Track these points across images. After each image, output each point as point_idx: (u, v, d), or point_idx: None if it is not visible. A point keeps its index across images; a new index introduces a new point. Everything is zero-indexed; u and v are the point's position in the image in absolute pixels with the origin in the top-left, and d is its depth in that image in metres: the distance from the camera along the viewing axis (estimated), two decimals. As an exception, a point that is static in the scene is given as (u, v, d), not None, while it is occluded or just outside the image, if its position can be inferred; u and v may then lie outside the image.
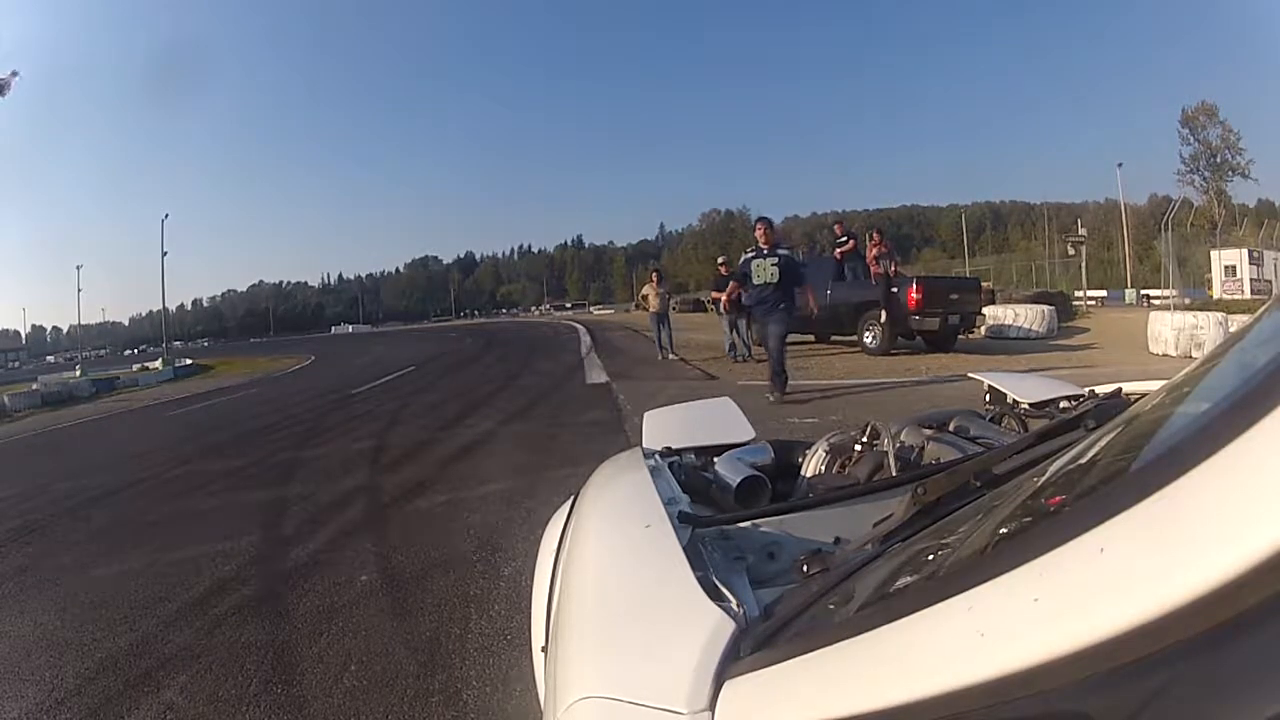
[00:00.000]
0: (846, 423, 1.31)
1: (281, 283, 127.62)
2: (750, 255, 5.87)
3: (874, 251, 10.16)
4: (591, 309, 66.01)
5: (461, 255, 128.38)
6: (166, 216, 29.82)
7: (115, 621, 2.46)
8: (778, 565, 0.76)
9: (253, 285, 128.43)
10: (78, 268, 35.63)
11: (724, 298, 10.18)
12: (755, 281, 5.75)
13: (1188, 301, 16.76)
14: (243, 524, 3.59)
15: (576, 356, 12.98)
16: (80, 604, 2.69)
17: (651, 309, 11.21)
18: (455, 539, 3.05)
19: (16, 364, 65.23)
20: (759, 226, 5.97)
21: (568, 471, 3.82)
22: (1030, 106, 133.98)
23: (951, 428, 1.23)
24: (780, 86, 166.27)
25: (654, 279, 11.49)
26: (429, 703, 1.78)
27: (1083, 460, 0.51)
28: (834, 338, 11.03)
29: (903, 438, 1.14)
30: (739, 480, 1.04)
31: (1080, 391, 1.39)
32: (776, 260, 5.71)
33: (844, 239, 10.90)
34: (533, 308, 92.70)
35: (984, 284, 14.28)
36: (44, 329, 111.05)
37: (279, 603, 2.51)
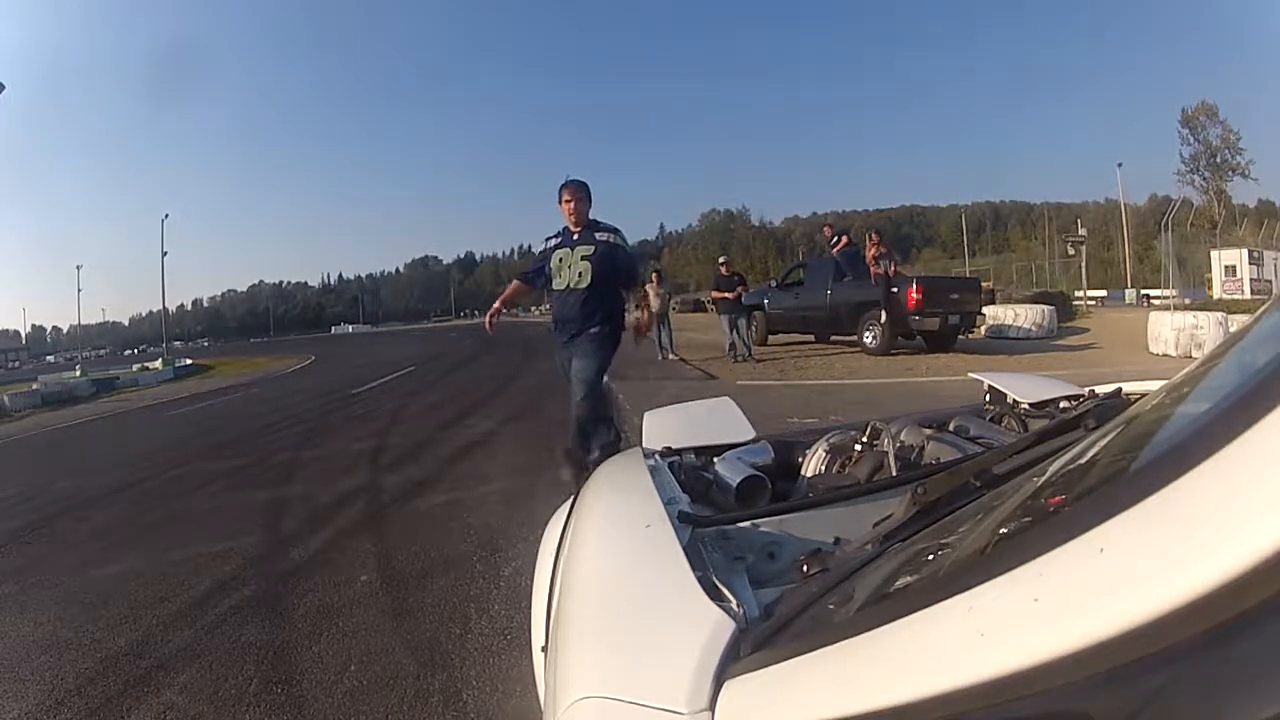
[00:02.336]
0: (846, 423, 1.31)
1: (281, 283, 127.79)
2: (552, 242, 3.56)
3: (873, 252, 10.17)
4: (591, 309, 65.71)
5: (461, 255, 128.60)
6: (166, 216, 29.86)
7: (115, 621, 2.46)
8: (778, 565, 0.76)
9: (253, 285, 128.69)
10: (78, 268, 35.73)
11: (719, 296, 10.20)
12: (556, 286, 3.48)
13: (1188, 301, 16.77)
14: (243, 524, 3.59)
15: (576, 356, 12.94)
16: (80, 604, 2.69)
17: (651, 309, 11.19)
18: (455, 539, 3.05)
19: (16, 364, 65.24)
20: (565, 194, 3.48)
21: (568, 471, 3.82)
22: (1030, 106, 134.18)
23: (951, 428, 1.23)
24: (780, 87, 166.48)
25: (654, 279, 11.49)
26: (429, 703, 1.78)
27: (1083, 460, 0.51)
28: (834, 338, 11.04)
29: (903, 438, 1.14)
30: (739, 480, 1.04)
31: (1080, 391, 1.39)
32: (591, 250, 3.42)
33: (835, 238, 10.95)
34: (533, 308, 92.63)
35: (984, 284, 14.30)
36: (44, 329, 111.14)
37: (279, 603, 2.51)
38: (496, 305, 3.77)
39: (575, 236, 3.48)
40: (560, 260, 3.49)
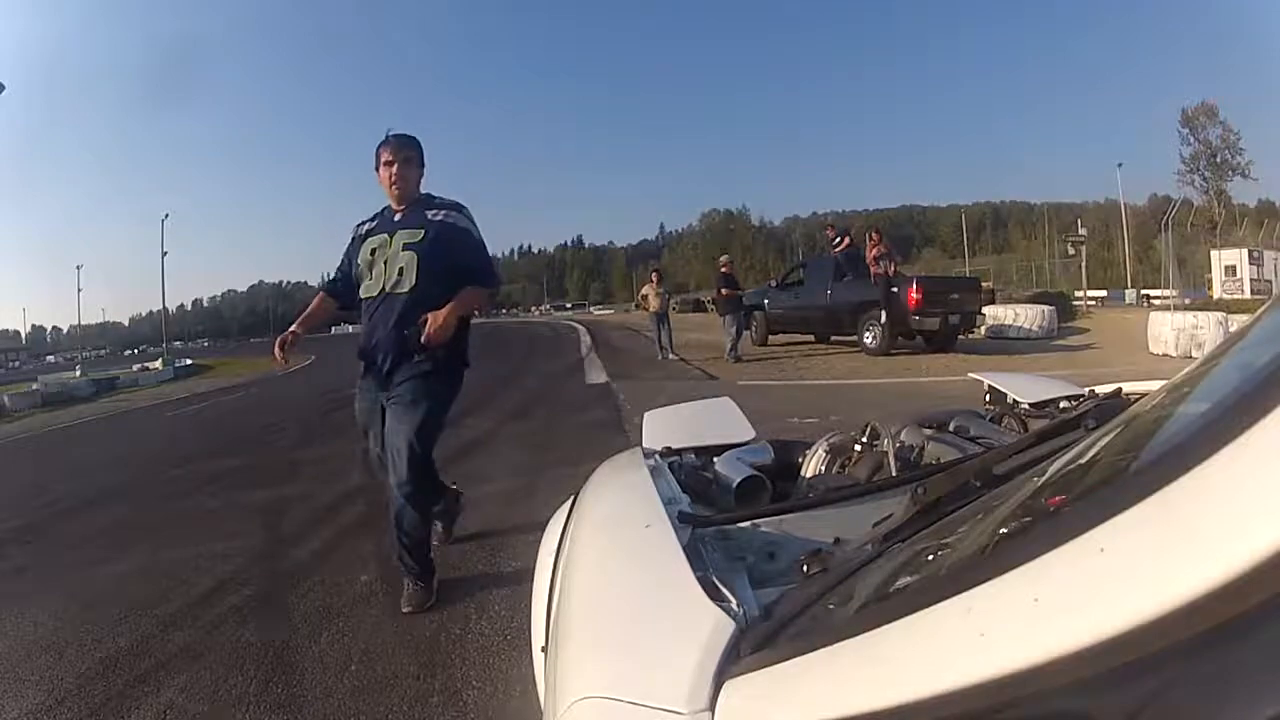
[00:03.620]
0: (846, 423, 1.31)
1: (282, 283, 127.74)
2: (364, 228, 2.50)
3: (873, 252, 10.16)
4: (591, 309, 66.08)
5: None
6: (166, 216, 29.90)
7: (115, 621, 2.46)
8: (778, 565, 0.76)
9: (253, 285, 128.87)
10: (78, 268, 35.76)
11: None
12: (365, 292, 2.42)
13: (1188, 301, 16.81)
14: (243, 524, 3.59)
15: (576, 356, 12.98)
16: (80, 604, 2.69)
17: (651, 309, 11.23)
18: (455, 539, 3.04)
19: (17, 364, 65.29)
20: (384, 154, 2.39)
21: (568, 471, 3.82)
22: (1031, 106, 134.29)
23: (951, 428, 1.24)
24: (780, 87, 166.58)
25: (654, 279, 11.51)
26: (429, 703, 1.78)
27: (1083, 460, 0.51)
28: (834, 338, 11.05)
29: (903, 438, 1.14)
30: (739, 480, 1.04)
31: (1080, 391, 1.39)
32: (419, 235, 2.36)
33: (838, 239, 10.96)
34: (533, 308, 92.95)
35: (984, 284, 14.30)
36: (44, 329, 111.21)
37: (279, 603, 2.51)
38: (294, 329, 2.50)
39: (397, 218, 2.41)
40: (373, 253, 2.37)
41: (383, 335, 2.34)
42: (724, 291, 10.29)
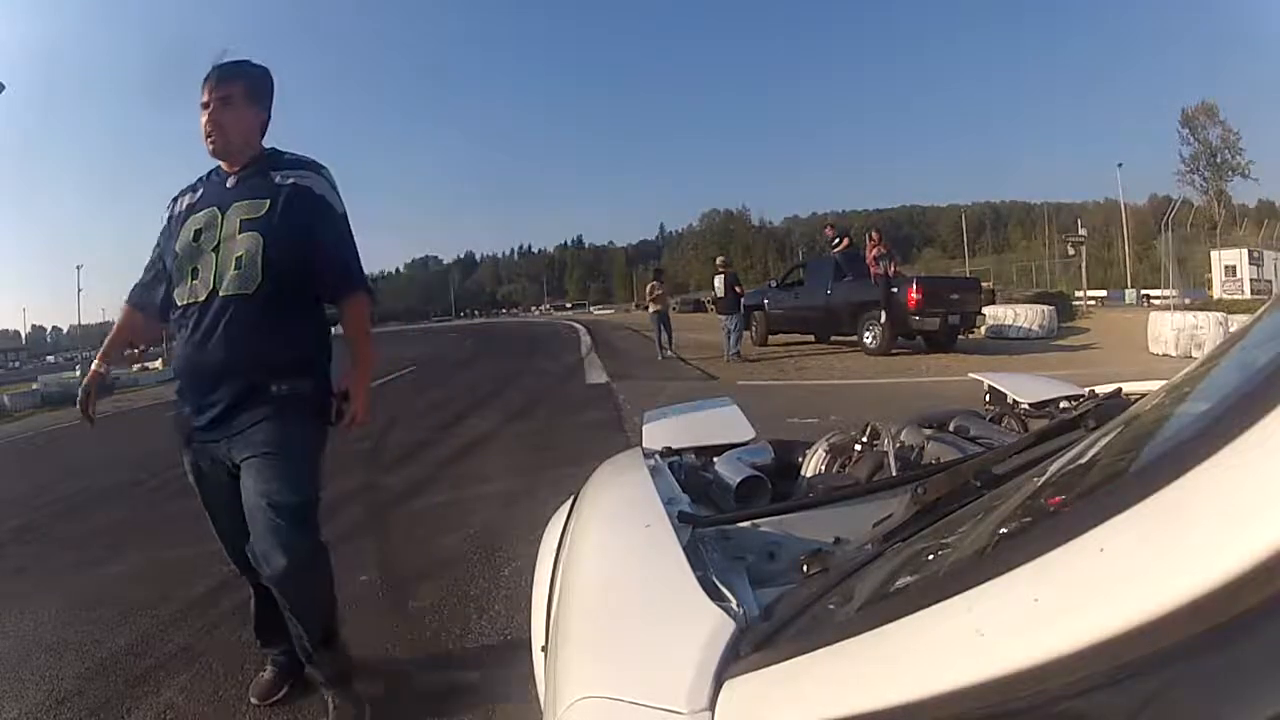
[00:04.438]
0: (846, 423, 1.31)
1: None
2: (185, 201, 1.72)
3: (873, 252, 10.17)
4: (591, 309, 66.13)
5: (461, 255, 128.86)
6: (166, 216, 29.81)
7: (115, 621, 2.46)
8: (778, 565, 0.76)
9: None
10: (78, 268, 35.78)
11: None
12: (182, 296, 1.64)
13: (1188, 301, 16.81)
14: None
15: (576, 356, 12.98)
16: (80, 603, 2.69)
17: (652, 309, 11.24)
18: (455, 539, 3.05)
19: (16, 364, 65.31)
20: (205, 92, 1.62)
21: (568, 471, 3.82)
22: (1031, 106, 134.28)
23: (951, 428, 1.24)
24: (780, 87, 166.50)
25: (655, 279, 11.52)
26: (429, 703, 1.78)
27: (1083, 460, 0.51)
28: (834, 338, 11.05)
29: (903, 438, 1.14)
30: (739, 480, 1.04)
31: (1080, 391, 1.40)
32: (262, 208, 1.60)
33: (837, 239, 10.98)
34: (533, 308, 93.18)
35: (984, 284, 14.32)
36: (44, 329, 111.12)
37: (279, 603, 2.51)
38: (97, 367, 1.98)
39: (230, 183, 1.68)
40: (197, 236, 1.65)
41: (220, 359, 1.59)
42: (737, 289, 10.31)
